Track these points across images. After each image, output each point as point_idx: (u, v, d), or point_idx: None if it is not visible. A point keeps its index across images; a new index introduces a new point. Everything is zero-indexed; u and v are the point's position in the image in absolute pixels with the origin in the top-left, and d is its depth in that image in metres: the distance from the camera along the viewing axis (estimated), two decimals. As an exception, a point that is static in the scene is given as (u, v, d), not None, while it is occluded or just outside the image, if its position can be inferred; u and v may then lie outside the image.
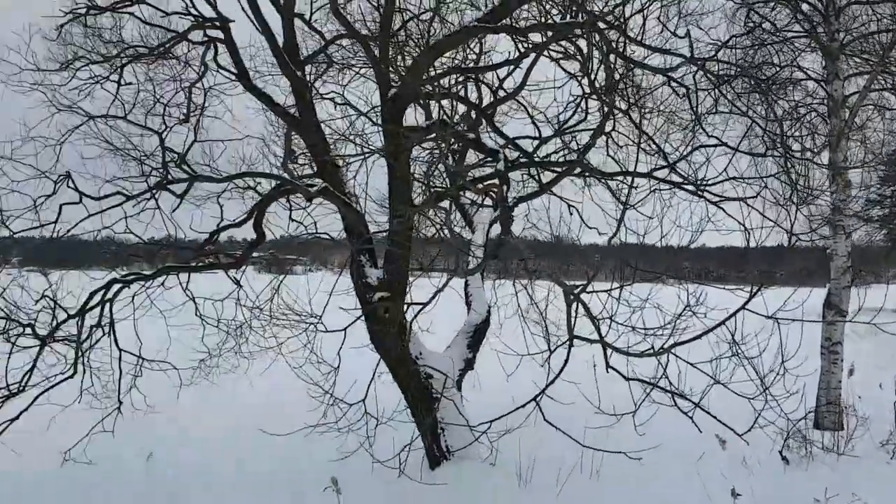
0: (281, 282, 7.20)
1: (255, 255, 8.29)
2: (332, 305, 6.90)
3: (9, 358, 6.77)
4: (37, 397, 6.90)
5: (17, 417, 6.83)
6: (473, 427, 5.36)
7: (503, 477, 6.62)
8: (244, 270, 7.86)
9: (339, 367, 6.63)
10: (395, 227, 7.30)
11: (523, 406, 5.21)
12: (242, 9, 7.19)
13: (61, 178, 6.89)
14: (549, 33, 6.35)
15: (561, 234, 6.22)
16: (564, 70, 7.05)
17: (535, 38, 6.63)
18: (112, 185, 7.12)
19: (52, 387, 6.97)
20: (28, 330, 6.87)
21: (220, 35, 7.53)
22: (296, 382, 6.96)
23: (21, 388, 6.85)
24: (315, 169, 8.30)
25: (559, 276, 5.70)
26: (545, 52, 6.74)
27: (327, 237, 7.88)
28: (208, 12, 7.45)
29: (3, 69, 7.22)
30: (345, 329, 6.33)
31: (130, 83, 7.75)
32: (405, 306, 6.33)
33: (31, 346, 6.95)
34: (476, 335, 7.52)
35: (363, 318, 7.03)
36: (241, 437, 8.77)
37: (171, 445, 8.49)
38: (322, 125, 7.89)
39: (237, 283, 7.76)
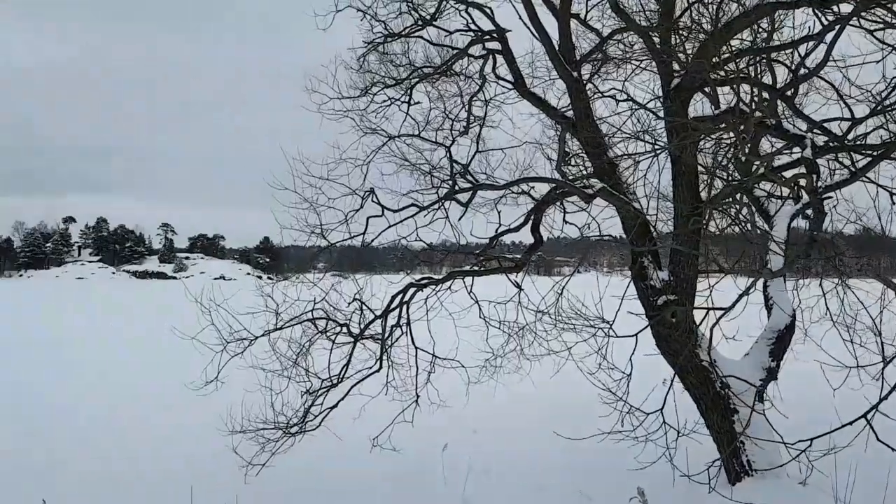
0: (564, 286, 7.23)
1: (533, 258, 8.45)
2: (611, 306, 6.75)
3: (330, 354, 7.71)
4: (351, 388, 7.77)
5: (335, 406, 7.77)
6: (790, 445, 4.82)
7: (818, 498, 5.92)
8: (525, 273, 8.05)
9: (631, 373, 6.45)
10: (681, 226, 6.95)
11: (851, 423, 4.57)
12: (519, 17, 7.38)
13: (367, 193, 7.70)
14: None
15: (886, 227, 5.35)
16: (880, 41, 6.10)
17: (843, 7, 5.84)
18: (407, 198, 7.77)
19: (362, 379, 7.80)
20: (344, 329, 7.77)
21: (498, 46, 7.83)
22: (583, 387, 6.93)
23: (339, 380, 7.78)
24: (587, 169, 8.24)
25: (888, 276, 4.91)
26: (855, 23, 5.88)
27: (610, 238, 7.75)
28: (487, 26, 7.78)
29: (315, 99, 8.24)
30: (636, 335, 6.13)
31: (419, 102, 8.40)
32: (704, 311, 5.92)
33: (345, 344, 7.87)
34: (779, 342, 6.83)
35: (648, 322, 6.79)
36: (528, 436, 9.04)
37: (464, 438, 9.08)
38: (599, 124, 7.80)
39: (518, 286, 7.97)
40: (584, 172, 8.18)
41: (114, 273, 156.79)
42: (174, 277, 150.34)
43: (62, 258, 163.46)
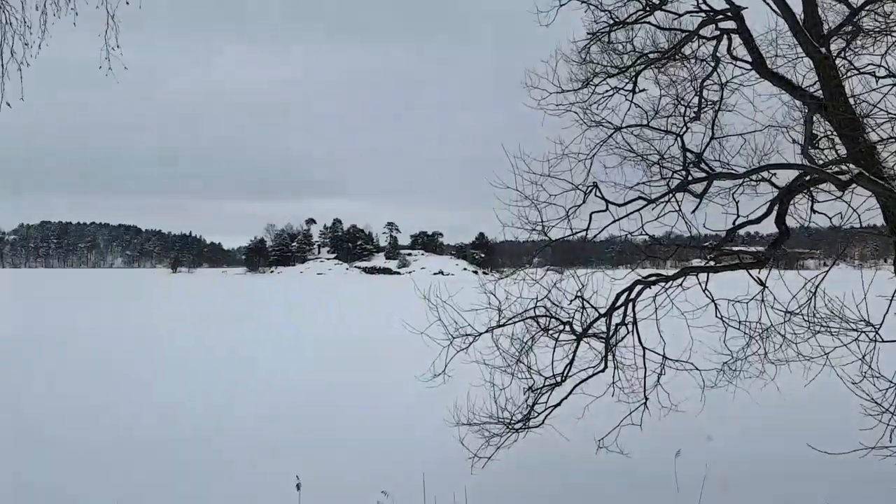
0: (818, 284, 6.42)
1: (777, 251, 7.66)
2: (872, 306, 5.87)
3: (553, 351, 7.63)
4: (574, 387, 7.63)
5: (558, 404, 7.68)
6: None
7: None
8: (769, 270, 7.33)
9: (902, 383, 5.60)
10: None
11: None
12: (758, -9, 6.73)
13: (590, 188, 7.47)
14: None
15: None
16: None
17: None
18: (634, 191, 7.43)
19: (586, 378, 7.62)
20: (567, 327, 7.65)
21: (733, 25, 7.21)
22: (840, 396, 6.13)
23: (563, 379, 7.68)
24: (840, 153, 7.31)
25: None
26: None
27: (870, 229, 6.78)
28: (720, 4, 7.21)
29: (534, 95, 8.17)
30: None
31: (644, 90, 7.99)
32: None
33: (568, 342, 7.74)
34: None
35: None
36: (773, 446, 8.23)
37: (698, 446, 8.52)
38: (853, 103, 6.89)
39: (762, 283, 7.27)
40: (837, 157, 7.27)
41: (347, 269, 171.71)
42: (398, 273, 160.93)
43: (305, 256, 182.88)
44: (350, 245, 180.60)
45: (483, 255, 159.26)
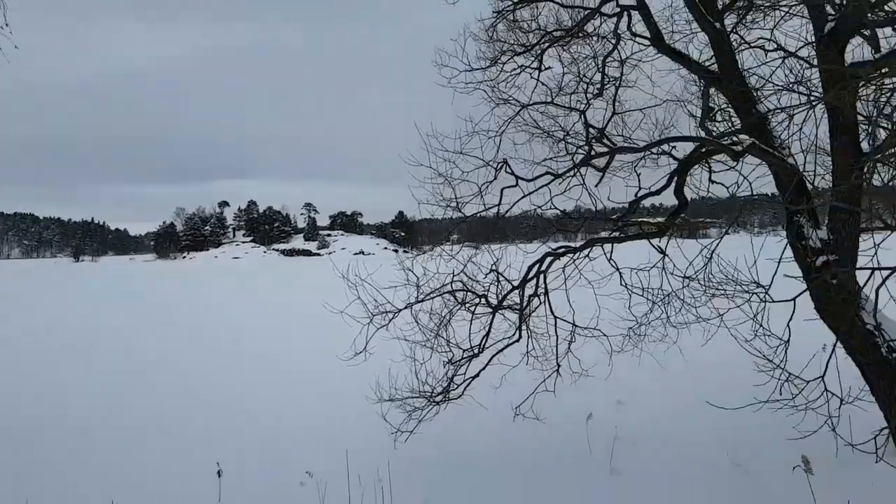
0: (713, 250, 6.85)
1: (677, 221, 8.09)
2: (765, 270, 6.36)
3: (470, 324, 7.83)
4: (491, 358, 7.86)
5: (477, 375, 7.91)
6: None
7: None
8: (668, 238, 7.73)
9: (788, 340, 6.07)
10: (841, 181, 6.42)
11: None
12: (654, -30, 7.01)
13: (500, 164, 7.65)
14: None
15: None
16: None
17: None
18: (542, 167, 7.66)
19: (502, 349, 7.87)
20: (482, 300, 7.85)
21: (633, 2, 7.49)
22: (735, 355, 6.60)
23: (480, 350, 7.90)
24: (734, 125, 7.76)
25: None
26: None
27: (762, 197, 7.26)
28: (620, -18, 7.46)
29: (445, 73, 8.27)
30: (794, 299, 5.72)
31: (550, 68, 8.22)
32: (869, 272, 5.45)
33: (485, 314, 7.96)
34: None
35: (807, 285, 6.35)
36: (677, 405, 8.73)
37: (608, 408, 8.96)
38: (746, 76, 7.31)
39: (662, 251, 7.67)
40: (732, 128, 7.71)
41: (265, 252, 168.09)
42: (318, 254, 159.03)
43: (220, 240, 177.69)
44: (267, 227, 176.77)
45: (403, 234, 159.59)
